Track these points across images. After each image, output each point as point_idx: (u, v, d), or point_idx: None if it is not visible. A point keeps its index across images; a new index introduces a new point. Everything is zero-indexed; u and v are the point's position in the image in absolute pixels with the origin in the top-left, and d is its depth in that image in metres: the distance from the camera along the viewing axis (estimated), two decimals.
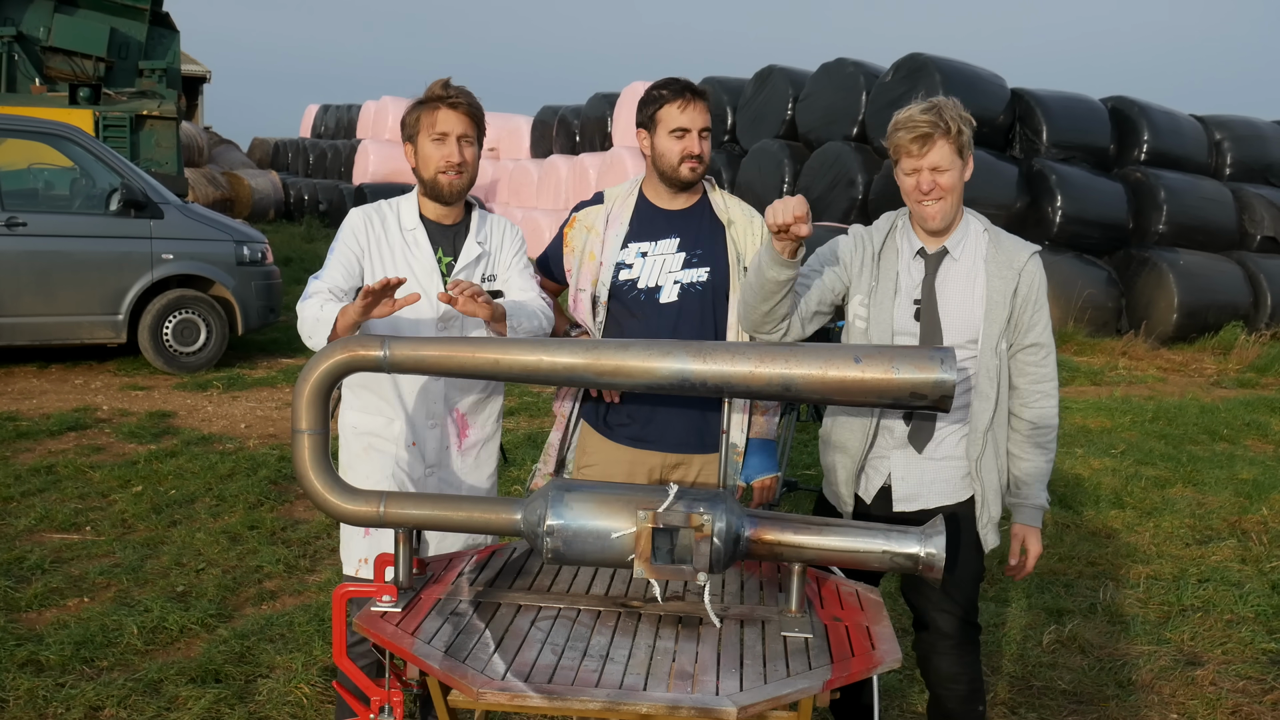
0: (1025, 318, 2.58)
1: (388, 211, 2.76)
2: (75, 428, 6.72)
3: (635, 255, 2.81)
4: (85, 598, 4.16)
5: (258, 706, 3.35)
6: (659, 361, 2.07)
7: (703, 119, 2.74)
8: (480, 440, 2.86)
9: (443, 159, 2.65)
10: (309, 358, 2.55)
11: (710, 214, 2.85)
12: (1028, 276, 2.57)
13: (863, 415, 2.67)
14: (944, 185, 2.52)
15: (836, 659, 1.93)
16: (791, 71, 13.74)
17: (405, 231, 2.72)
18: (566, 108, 18.69)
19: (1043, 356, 2.61)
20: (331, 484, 2.09)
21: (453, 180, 2.67)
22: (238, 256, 8.50)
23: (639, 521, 1.97)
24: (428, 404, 2.72)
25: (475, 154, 2.71)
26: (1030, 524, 2.68)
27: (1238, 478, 6.44)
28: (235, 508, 5.27)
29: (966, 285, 2.58)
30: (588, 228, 2.87)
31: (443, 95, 2.66)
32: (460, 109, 2.65)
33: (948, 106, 2.52)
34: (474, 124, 2.69)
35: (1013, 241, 2.62)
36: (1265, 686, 3.75)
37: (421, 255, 2.71)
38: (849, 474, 2.67)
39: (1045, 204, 11.50)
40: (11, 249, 7.81)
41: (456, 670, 1.85)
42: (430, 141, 2.66)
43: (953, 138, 2.50)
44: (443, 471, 2.78)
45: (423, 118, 2.67)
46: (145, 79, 13.07)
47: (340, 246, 2.70)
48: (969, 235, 2.62)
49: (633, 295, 2.80)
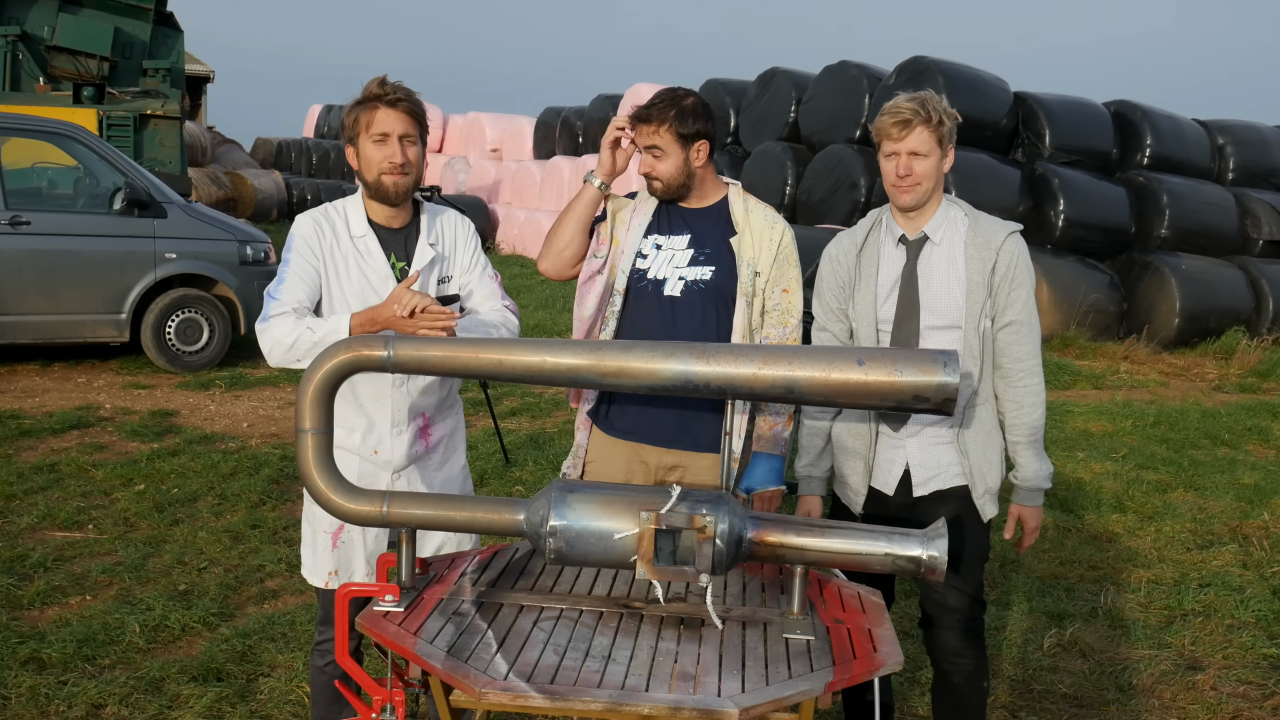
0: (1003, 295, 2.63)
1: (335, 217, 2.66)
2: (78, 426, 6.73)
3: (651, 247, 2.87)
4: (87, 596, 4.17)
5: (259, 705, 3.36)
6: (662, 363, 2.07)
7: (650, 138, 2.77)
8: (444, 436, 2.80)
9: (385, 160, 2.56)
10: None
11: (727, 217, 2.87)
12: (1005, 255, 2.62)
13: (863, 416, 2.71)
14: (919, 171, 2.59)
15: (838, 661, 1.94)
16: (794, 74, 13.73)
17: (355, 239, 2.64)
18: (570, 109, 18.68)
19: (1023, 334, 2.64)
20: (335, 484, 2.10)
21: (397, 181, 2.58)
22: (241, 256, 8.51)
23: (641, 523, 1.98)
24: (391, 412, 2.66)
25: (419, 153, 2.62)
26: (1025, 504, 2.73)
27: (1239, 482, 6.43)
28: (237, 507, 5.28)
29: (948, 269, 2.65)
30: (614, 212, 2.94)
31: (380, 94, 2.56)
32: (400, 107, 2.56)
33: (931, 98, 2.60)
34: (415, 122, 2.60)
35: (991, 222, 2.68)
36: (1266, 692, 3.75)
37: (374, 262, 2.63)
38: (861, 472, 2.74)
39: (1048, 208, 11.49)
40: (15, 247, 7.82)
41: (459, 670, 1.85)
42: (371, 143, 2.57)
43: (933, 126, 2.57)
44: (410, 474, 2.72)
45: (361, 118, 2.58)
46: (149, 78, 13.08)
47: (295, 258, 2.61)
48: (950, 221, 2.68)
49: (642, 285, 2.85)
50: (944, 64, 11.81)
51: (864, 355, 2.08)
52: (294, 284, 2.58)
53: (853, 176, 11.97)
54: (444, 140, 21.84)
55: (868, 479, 2.75)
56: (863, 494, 2.76)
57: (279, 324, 2.51)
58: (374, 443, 2.68)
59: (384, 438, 2.68)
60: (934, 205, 2.67)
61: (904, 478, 2.71)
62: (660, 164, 2.80)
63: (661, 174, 2.81)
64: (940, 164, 2.62)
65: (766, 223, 2.87)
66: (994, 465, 2.71)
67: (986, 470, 2.69)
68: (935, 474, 2.70)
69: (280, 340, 2.49)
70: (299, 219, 2.65)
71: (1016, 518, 2.75)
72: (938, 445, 2.69)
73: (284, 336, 2.49)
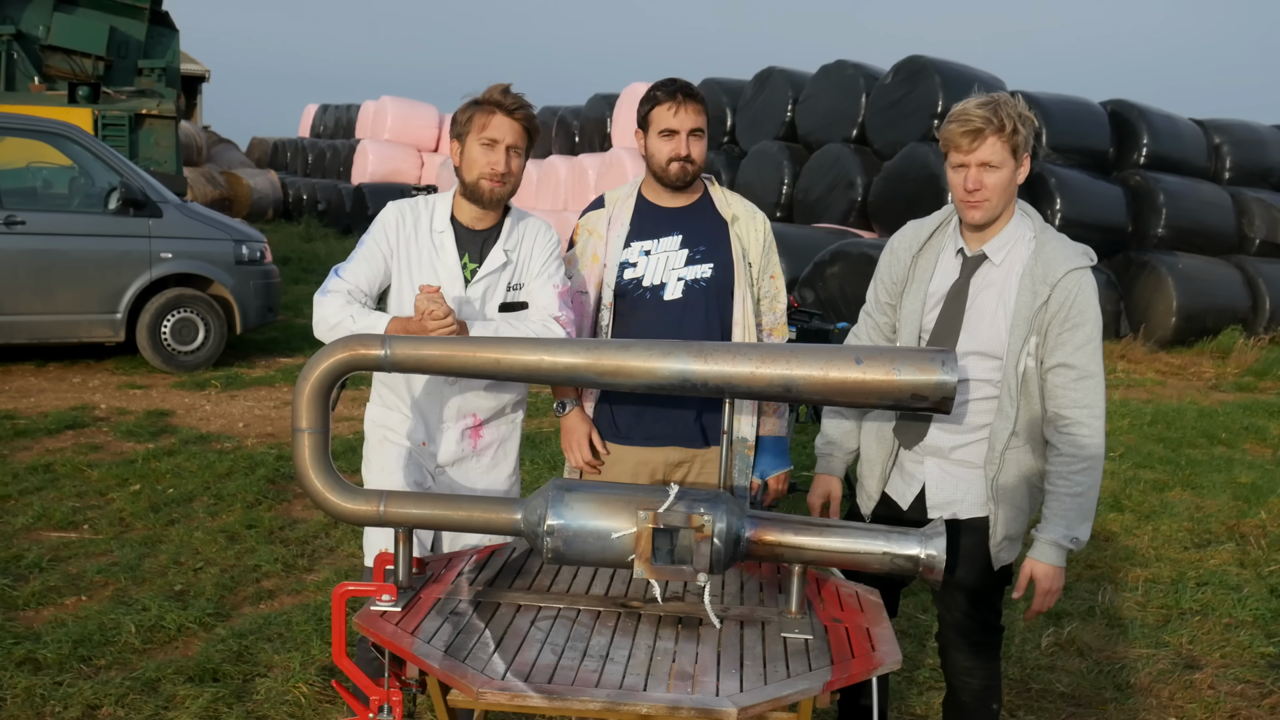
0: (1054, 336, 2.42)
1: (423, 210, 2.72)
2: (73, 426, 6.71)
3: (638, 254, 2.82)
4: (83, 596, 4.15)
5: (255, 705, 3.35)
6: (660, 362, 2.06)
7: (693, 120, 2.73)
8: (495, 441, 2.83)
9: (488, 165, 2.59)
10: (309, 357, 2.54)
11: (712, 211, 2.86)
12: (1061, 292, 2.40)
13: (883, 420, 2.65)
14: (990, 185, 2.40)
15: (836, 660, 1.93)
16: (791, 73, 13.73)
17: (434, 234, 2.68)
18: (566, 108, 18.68)
19: (1073, 379, 2.42)
20: (331, 483, 2.09)
21: (494, 188, 2.62)
22: (236, 256, 8.49)
23: (639, 522, 1.97)
24: (441, 406, 2.71)
25: (521, 165, 2.65)
26: (1038, 559, 2.50)
27: (1236, 481, 6.44)
28: (233, 507, 5.27)
29: (999, 296, 2.47)
30: (590, 231, 2.89)
31: (501, 101, 2.59)
32: (517, 116, 2.60)
33: (1006, 103, 2.39)
34: (527, 136, 2.63)
35: (1057, 251, 2.44)
36: (1263, 690, 3.75)
37: (446, 259, 2.67)
38: (878, 480, 2.66)
39: (1044, 207, 11.49)
40: (10, 247, 7.79)
41: (456, 670, 1.85)
42: (479, 145, 2.60)
43: (1006, 135, 2.37)
44: (455, 471, 2.78)
45: (475, 118, 2.61)
46: (144, 78, 13.04)
47: (370, 243, 2.67)
48: (1015, 241, 2.49)
49: (638, 294, 2.81)
50: (941, 63, 11.81)
51: (862, 354, 2.08)
52: (359, 266, 2.65)
53: (849, 176, 11.98)
54: (440, 139, 21.84)
55: (883, 485, 2.65)
56: (875, 498, 2.67)
57: (331, 302, 2.59)
58: (423, 434, 2.73)
59: (433, 431, 2.73)
60: (1004, 220, 2.49)
61: (920, 495, 2.60)
62: (700, 145, 2.77)
63: (699, 156, 2.77)
64: (1014, 176, 2.42)
65: (749, 212, 2.88)
66: (1022, 512, 2.53)
67: (1013, 518, 2.52)
68: (953, 499, 2.56)
69: (326, 318, 2.59)
70: (389, 205, 2.72)
71: (1029, 575, 2.51)
72: (962, 471, 2.54)
73: (330, 315, 2.58)
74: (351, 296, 2.60)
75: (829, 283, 9.62)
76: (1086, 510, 2.47)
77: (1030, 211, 2.54)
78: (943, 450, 2.56)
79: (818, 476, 2.80)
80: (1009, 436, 2.47)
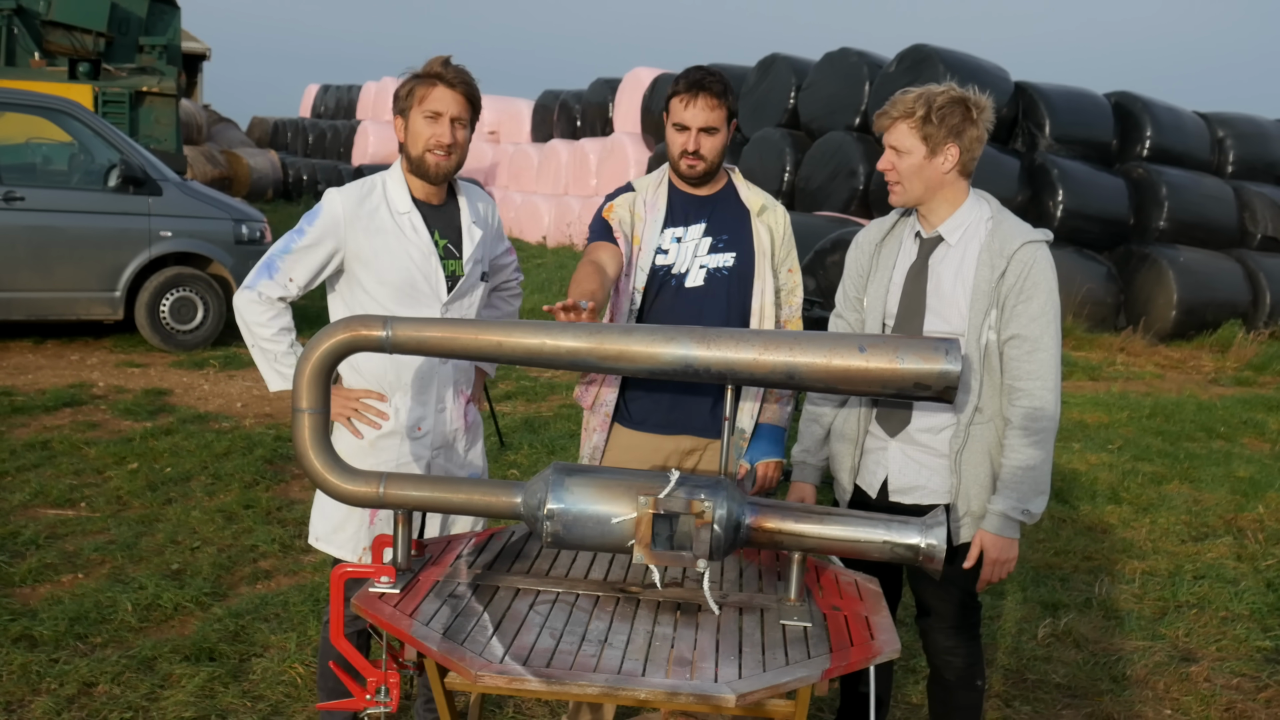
0: (1009, 307, 2.45)
1: (372, 193, 2.63)
2: (71, 404, 6.70)
3: (670, 241, 2.79)
4: (79, 574, 4.15)
5: (251, 685, 3.35)
6: (663, 347, 2.05)
7: (704, 117, 2.67)
8: (475, 416, 2.87)
9: (433, 138, 2.56)
10: (310, 336, 2.52)
11: (736, 200, 2.84)
12: (1017, 264, 2.44)
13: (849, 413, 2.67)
14: (901, 169, 2.48)
15: (835, 648, 1.93)
16: (795, 60, 13.68)
17: (397, 215, 2.62)
18: (568, 92, 18.61)
19: (1026, 351, 2.44)
20: (331, 464, 2.08)
21: (440, 161, 2.58)
22: (236, 235, 8.47)
23: (639, 507, 1.96)
24: (437, 389, 2.69)
25: (467, 137, 2.62)
26: (987, 529, 2.50)
27: (1234, 475, 6.44)
28: (231, 486, 5.26)
29: (957, 273, 2.52)
30: (630, 209, 2.81)
31: (441, 73, 2.56)
32: (458, 89, 2.57)
33: (936, 94, 2.46)
34: (470, 106, 2.60)
35: (1013, 228, 2.49)
36: (1259, 684, 3.76)
37: (420, 240, 2.62)
38: (850, 462, 2.68)
39: (1046, 198, 11.47)
40: (9, 224, 7.77)
41: (454, 652, 1.84)
42: (422, 118, 2.57)
43: (915, 121, 2.44)
44: (449, 452, 2.77)
45: (416, 91, 2.58)
46: (145, 55, 12.99)
47: (313, 235, 2.58)
48: (972, 223, 2.53)
49: (665, 280, 2.78)
50: (944, 52, 11.77)
51: (866, 342, 2.06)
52: (302, 260, 2.60)
53: (851, 164, 11.94)
54: None
55: (853, 477, 2.69)
56: (849, 490, 2.70)
57: (257, 310, 2.61)
58: (417, 421, 2.69)
59: (428, 415, 2.70)
60: (953, 203, 2.52)
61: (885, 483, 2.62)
62: (713, 141, 2.71)
63: (710, 153, 2.72)
64: (929, 164, 2.46)
65: (770, 204, 2.85)
66: (984, 489, 2.53)
67: (974, 493, 2.52)
68: (915, 485, 2.58)
69: (246, 322, 2.62)
70: (331, 194, 2.62)
71: (979, 546, 2.51)
72: (926, 457, 2.56)
73: (251, 320, 2.61)
74: (283, 304, 2.61)
75: (830, 271, 9.60)
76: (1039, 483, 2.48)
77: (988, 198, 2.59)
78: (909, 434, 2.58)
79: (793, 484, 2.82)
80: (973, 411, 2.50)
